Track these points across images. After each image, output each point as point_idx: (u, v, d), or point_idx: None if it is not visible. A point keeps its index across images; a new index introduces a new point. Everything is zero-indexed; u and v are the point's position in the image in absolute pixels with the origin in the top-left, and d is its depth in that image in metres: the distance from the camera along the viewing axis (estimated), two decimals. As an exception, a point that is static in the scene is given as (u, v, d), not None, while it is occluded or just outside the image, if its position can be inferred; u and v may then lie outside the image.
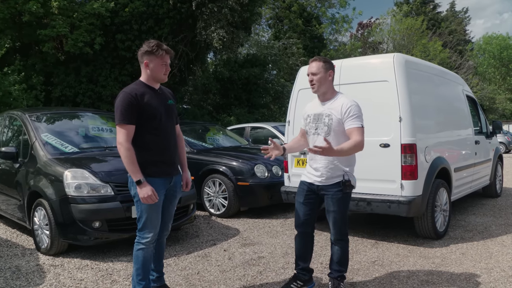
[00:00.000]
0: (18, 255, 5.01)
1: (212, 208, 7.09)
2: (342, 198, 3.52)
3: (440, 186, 5.40)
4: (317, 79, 3.49)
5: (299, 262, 3.80)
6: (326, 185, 3.53)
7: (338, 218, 3.55)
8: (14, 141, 6.10)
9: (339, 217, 3.54)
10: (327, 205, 3.55)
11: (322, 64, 3.50)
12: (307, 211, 3.66)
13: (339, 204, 3.52)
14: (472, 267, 4.38)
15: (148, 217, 3.28)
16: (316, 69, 3.49)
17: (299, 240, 3.77)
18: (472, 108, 7.50)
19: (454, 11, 46.68)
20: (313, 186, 3.60)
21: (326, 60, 3.58)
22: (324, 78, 3.49)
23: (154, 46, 3.26)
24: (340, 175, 3.50)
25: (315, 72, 3.49)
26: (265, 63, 20.65)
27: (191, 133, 8.61)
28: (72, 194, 4.72)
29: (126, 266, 4.56)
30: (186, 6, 13.76)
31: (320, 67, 3.48)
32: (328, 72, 3.51)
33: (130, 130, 3.19)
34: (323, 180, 3.53)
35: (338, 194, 3.50)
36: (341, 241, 3.63)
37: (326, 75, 3.50)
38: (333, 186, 3.50)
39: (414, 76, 5.28)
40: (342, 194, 3.51)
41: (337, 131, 3.46)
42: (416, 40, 29.10)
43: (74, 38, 12.32)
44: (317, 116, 3.57)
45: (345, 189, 3.50)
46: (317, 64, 3.50)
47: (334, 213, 3.53)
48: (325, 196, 3.56)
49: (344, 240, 3.65)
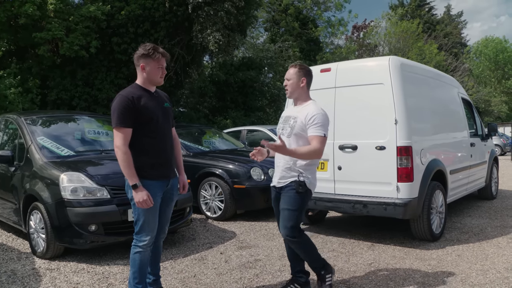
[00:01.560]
0: (13, 259, 4.99)
1: (208, 211, 7.09)
2: (294, 197, 3.49)
3: (436, 188, 5.42)
4: (289, 84, 3.62)
5: (293, 264, 3.83)
6: (282, 185, 3.58)
7: (287, 217, 3.50)
8: (10, 145, 6.08)
9: (289, 216, 3.49)
10: (281, 203, 3.56)
11: (296, 70, 3.61)
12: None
13: (290, 202, 3.49)
14: (468, 268, 4.40)
15: (146, 220, 3.28)
16: (290, 75, 3.62)
17: (287, 246, 3.79)
18: (468, 110, 7.54)
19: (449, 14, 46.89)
20: (277, 189, 3.67)
21: (302, 67, 3.66)
22: (295, 84, 3.60)
23: (150, 49, 3.26)
24: (295, 175, 3.52)
25: (289, 78, 3.63)
26: (261, 66, 20.68)
27: (187, 136, 8.61)
28: (68, 198, 4.70)
29: (123, 270, 4.55)
30: (182, 9, 13.77)
31: (293, 74, 3.61)
32: (301, 79, 3.60)
33: (127, 133, 3.19)
34: (280, 181, 3.59)
35: (290, 192, 3.50)
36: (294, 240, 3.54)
37: (298, 81, 3.60)
38: (287, 185, 3.53)
39: (410, 79, 5.31)
40: (294, 193, 3.49)
41: (298, 134, 3.51)
42: (412, 43, 29.21)
43: (70, 41, 12.29)
44: (286, 118, 3.69)
45: (297, 188, 3.48)
46: (292, 70, 3.63)
47: (283, 212, 3.52)
48: (281, 195, 3.59)
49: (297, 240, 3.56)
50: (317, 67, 5.94)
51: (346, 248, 5.23)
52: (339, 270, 4.44)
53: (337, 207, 5.53)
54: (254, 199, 6.89)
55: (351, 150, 5.28)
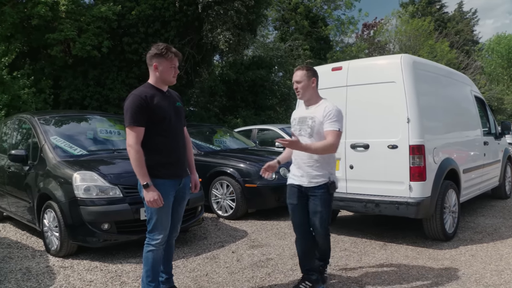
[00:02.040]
0: (28, 257, 5.05)
1: (219, 210, 7.10)
2: (328, 199, 3.69)
3: (449, 187, 5.37)
4: (301, 86, 3.70)
5: (304, 263, 3.87)
6: (312, 186, 3.65)
7: (325, 218, 3.69)
8: (24, 144, 6.15)
9: (326, 216, 3.69)
10: (314, 206, 3.67)
11: (305, 72, 3.71)
12: (302, 210, 3.77)
13: (326, 204, 3.67)
14: (482, 269, 4.35)
15: (158, 219, 3.30)
16: (300, 78, 3.70)
17: (300, 243, 3.85)
18: (481, 108, 7.46)
19: (462, 11, 46.40)
20: (301, 187, 3.72)
21: (309, 68, 3.78)
22: (307, 85, 3.69)
23: (163, 49, 3.28)
24: (325, 176, 3.64)
25: (299, 80, 3.70)
26: (271, 65, 20.64)
27: (198, 136, 8.63)
28: (81, 196, 4.75)
29: (135, 268, 4.58)
30: (192, 9, 13.79)
31: (303, 76, 3.69)
32: (311, 80, 3.70)
33: (140, 132, 3.21)
34: (312, 181, 3.65)
35: (325, 195, 3.65)
36: (326, 237, 3.79)
37: (309, 82, 3.69)
38: (320, 187, 3.64)
39: (422, 77, 5.26)
40: (328, 195, 3.67)
41: (320, 133, 3.61)
42: (423, 41, 28.95)
43: (82, 41, 12.38)
44: (301, 119, 3.75)
45: (331, 190, 3.67)
46: (301, 72, 3.71)
47: (321, 213, 3.66)
48: (311, 197, 3.68)
49: (328, 235, 3.82)
50: (328, 66, 5.93)
51: (358, 248, 5.21)
52: (351, 269, 4.43)
53: (349, 206, 5.51)
54: (266, 198, 6.89)
55: (363, 149, 5.26)
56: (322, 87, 3.93)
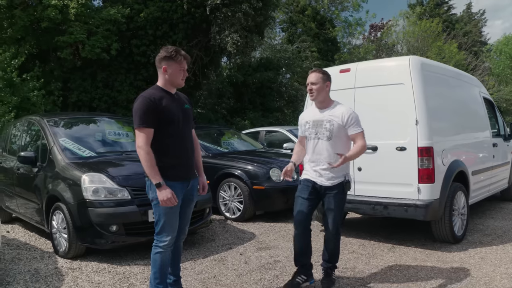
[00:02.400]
0: (37, 258, 5.08)
1: (227, 212, 7.11)
2: (343, 198, 3.88)
3: (458, 189, 5.33)
4: (316, 88, 3.82)
5: (301, 259, 3.97)
6: (329, 185, 3.81)
7: (338, 216, 3.86)
8: (33, 146, 6.20)
9: (339, 215, 3.88)
10: (329, 203, 3.84)
11: (321, 75, 3.85)
12: (310, 206, 3.89)
13: (340, 203, 3.86)
14: (492, 271, 4.32)
15: (166, 221, 3.30)
16: (315, 80, 3.83)
17: (300, 239, 3.93)
18: (489, 110, 7.40)
19: (470, 12, 46.13)
20: (316, 185, 3.86)
21: (325, 72, 3.93)
22: (322, 88, 3.82)
23: (172, 52, 3.30)
24: (342, 175, 3.82)
25: (315, 82, 3.83)
26: (278, 66, 20.63)
27: (206, 137, 8.65)
28: (90, 198, 4.77)
29: (143, 270, 4.59)
30: (200, 11, 13.83)
31: (319, 78, 3.83)
32: (326, 83, 3.85)
33: (149, 134, 3.22)
34: (329, 182, 3.80)
35: (340, 194, 3.83)
36: (337, 235, 3.93)
37: (324, 85, 3.83)
38: (336, 187, 3.81)
39: (430, 78, 5.24)
40: (343, 195, 3.87)
41: (337, 135, 3.77)
42: (431, 42, 28.81)
43: (91, 44, 12.47)
44: (316, 122, 3.86)
45: (346, 189, 3.86)
46: (316, 75, 3.85)
47: (334, 212, 3.83)
48: (327, 195, 3.83)
49: (339, 234, 3.95)
50: (336, 68, 5.91)
51: (366, 250, 5.19)
52: (359, 272, 4.41)
53: (357, 209, 5.49)
54: (273, 200, 6.88)
55: (371, 151, 5.23)
56: (330, 89, 3.93)
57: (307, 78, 3.91)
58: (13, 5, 11.95)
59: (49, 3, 11.66)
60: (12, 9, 11.99)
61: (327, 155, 3.77)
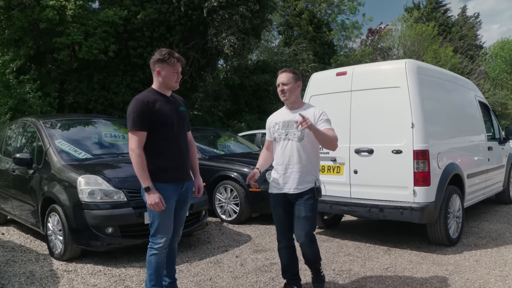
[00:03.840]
0: (32, 260, 5.06)
1: (223, 214, 7.10)
2: (313, 204, 3.64)
3: (453, 192, 5.35)
4: (288, 88, 3.70)
5: (289, 269, 3.86)
6: (299, 192, 3.62)
7: (309, 225, 3.63)
8: (28, 148, 6.18)
9: (310, 223, 3.64)
10: (299, 211, 3.61)
11: (292, 75, 3.72)
12: (289, 221, 3.73)
13: (312, 209, 3.62)
14: (486, 274, 4.33)
15: (161, 223, 3.31)
16: (287, 80, 3.70)
17: (286, 251, 3.82)
18: (485, 113, 7.44)
19: (465, 16, 46.36)
20: (286, 196, 3.68)
21: (295, 72, 3.81)
22: (294, 88, 3.71)
23: (166, 54, 3.30)
24: (312, 180, 3.64)
25: (286, 82, 3.70)
26: (275, 69, 20.64)
27: (202, 140, 8.64)
28: (86, 200, 4.76)
29: (139, 272, 4.58)
30: (197, 13, 13.86)
31: (290, 78, 3.71)
32: (297, 83, 3.74)
33: (142, 137, 3.23)
34: (298, 187, 3.62)
35: (310, 200, 3.61)
36: (312, 244, 3.69)
37: (295, 85, 3.72)
38: (306, 192, 3.61)
39: (426, 82, 5.26)
40: (313, 201, 3.63)
41: (309, 135, 3.57)
42: (427, 46, 28.94)
43: (89, 45, 12.47)
44: (287, 123, 3.71)
45: (317, 196, 3.64)
46: (287, 75, 3.72)
47: (305, 219, 3.60)
48: (297, 202, 3.63)
49: (315, 241, 3.73)
50: (333, 71, 5.94)
51: (362, 253, 5.20)
52: (355, 274, 4.42)
53: (353, 211, 5.50)
54: (269, 203, 6.85)
55: (367, 154, 5.25)
56: (327, 92, 3.95)
57: (277, 79, 3.78)
58: (10, 6, 11.95)
59: (47, 4, 11.67)
60: (10, 10, 11.98)
61: (297, 157, 3.60)
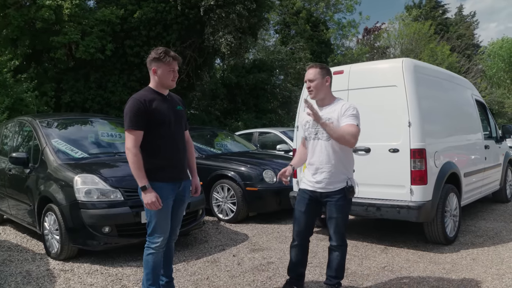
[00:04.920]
0: (28, 260, 5.05)
1: (220, 213, 7.10)
2: (346, 204, 3.54)
3: (450, 191, 5.36)
4: (314, 85, 3.51)
5: (296, 268, 3.78)
6: (329, 191, 3.51)
7: (341, 224, 3.55)
8: (25, 147, 6.16)
9: (342, 223, 3.55)
10: (330, 211, 3.53)
11: (318, 70, 3.52)
12: (309, 221, 3.67)
13: (343, 210, 3.52)
14: (483, 273, 4.34)
15: (158, 222, 3.30)
16: (313, 76, 3.51)
17: (298, 249, 3.74)
18: (482, 112, 7.46)
19: (462, 15, 46.47)
20: (315, 193, 3.58)
21: (323, 66, 3.60)
22: (321, 84, 3.51)
23: (161, 53, 3.29)
24: (343, 180, 3.50)
25: (312, 78, 3.51)
26: (272, 68, 20.69)
27: (199, 139, 8.63)
28: (82, 200, 4.75)
29: (136, 271, 4.57)
30: (194, 12, 13.84)
31: (317, 74, 3.50)
32: (325, 78, 3.52)
33: (138, 136, 3.22)
34: (326, 186, 3.51)
35: (342, 200, 3.49)
36: (342, 247, 3.62)
37: (323, 81, 3.51)
38: (337, 193, 3.49)
39: (423, 81, 5.27)
40: (345, 201, 3.51)
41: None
42: (424, 44, 28.99)
43: (86, 44, 12.44)
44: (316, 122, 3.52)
45: (349, 195, 3.50)
46: (314, 70, 3.53)
47: (337, 220, 3.52)
48: (328, 202, 3.53)
49: (344, 246, 3.64)
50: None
51: (359, 251, 5.20)
52: (352, 273, 4.42)
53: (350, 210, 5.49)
54: (266, 202, 6.88)
55: (364, 153, 5.25)
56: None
57: (305, 75, 3.59)
58: (6, 5, 11.91)
59: (43, 4, 11.63)
60: (5, 8, 11.94)
61: (327, 156, 3.47)
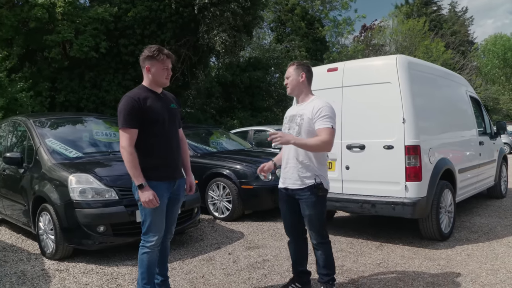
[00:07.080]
0: (23, 260, 5.03)
1: (216, 211, 7.09)
2: (317, 202, 3.48)
3: (445, 187, 5.38)
4: (289, 81, 3.59)
5: (294, 266, 3.84)
6: (297, 188, 3.51)
7: (315, 222, 3.51)
8: (19, 147, 6.13)
9: (316, 221, 3.51)
10: (302, 209, 3.53)
11: (294, 67, 3.59)
12: (294, 217, 3.67)
13: (314, 207, 3.48)
14: (478, 268, 4.36)
15: (152, 221, 3.29)
16: (289, 73, 3.60)
17: (292, 247, 3.80)
18: (476, 109, 7.48)
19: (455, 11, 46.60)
20: (288, 190, 3.60)
21: (300, 63, 3.66)
22: (295, 80, 3.56)
23: (155, 51, 3.28)
24: (311, 177, 3.47)
25: (288, 75, 3.61)
26: (267, 66, 20.69)
27: (194, 137, 8.62)
28: (77, 199, 4.73)
29: (131, 270, 4.57)
30: (189, 10, 13.81)
31: (292, 71, 3.58)
32: (300, 74, 3.55)
33: (133, 134, 3.21)
34: (296, 183, 3.51)
35: (312, 197, 3.47)
36: (322, 244, 3.58)
37: (297, 77, 3.55)
38: (305, 190, 3.47)
39: (417, 77, 5.27)
40: (315, 198, 3.47)
41: (307, 130, 3.44)
42: (419, 41, 29.06)
43: (79, 43, 12.39)
44: (291, 117, 3.62)
45: (317, 192, 3.47)
46: (291, 67, 3.61)
47: (310, 217, 3.51)
48: (299, 200, 3.53)
49: (325, 243, 3.60)
50: (324, 67, 5.93)
51: (354, 248, 5.21)
52: (347, 270, 4.43)
53: (345, 207, 5.51)
54: (262, 200, 6.88)
55: (358, 150, 5.26)
56: (318, 88, 3.92)
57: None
58: (-2, 5, 11.85)
59: (36, 2, 11.57)
60: (-2, 7, 11.88)
61: (294, 152, 3.47)
